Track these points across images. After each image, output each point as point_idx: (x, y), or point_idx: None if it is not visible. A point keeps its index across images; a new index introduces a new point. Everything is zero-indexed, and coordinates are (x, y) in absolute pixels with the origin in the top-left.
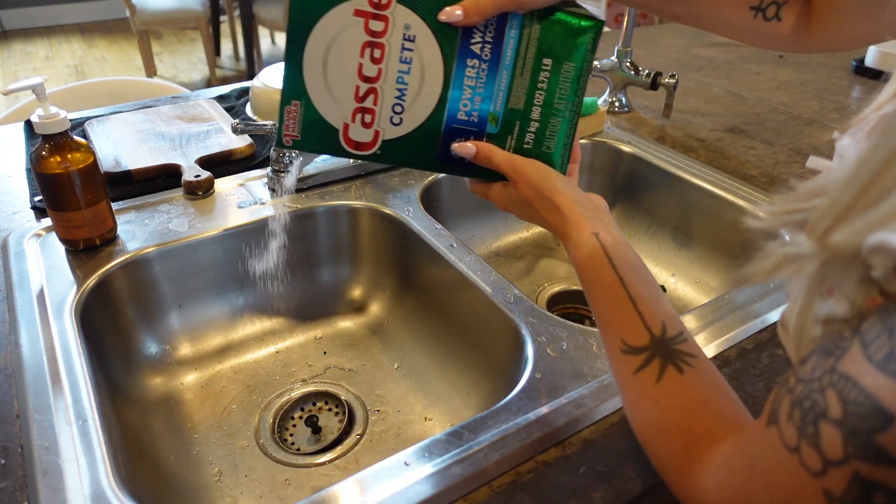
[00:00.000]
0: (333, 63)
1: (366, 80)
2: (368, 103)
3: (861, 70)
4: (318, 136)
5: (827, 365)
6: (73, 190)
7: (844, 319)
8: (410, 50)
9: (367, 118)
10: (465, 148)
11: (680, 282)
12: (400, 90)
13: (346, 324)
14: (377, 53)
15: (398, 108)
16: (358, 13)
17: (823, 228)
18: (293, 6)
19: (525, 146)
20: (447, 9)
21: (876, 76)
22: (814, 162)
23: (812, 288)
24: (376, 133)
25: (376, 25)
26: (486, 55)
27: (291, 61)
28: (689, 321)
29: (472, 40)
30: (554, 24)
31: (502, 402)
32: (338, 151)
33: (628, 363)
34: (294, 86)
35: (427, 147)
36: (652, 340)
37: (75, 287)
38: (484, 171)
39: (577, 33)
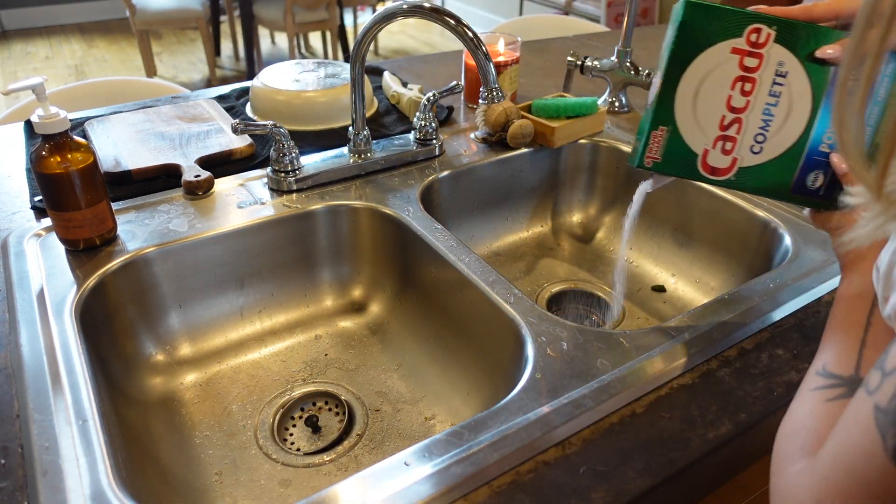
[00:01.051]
0: (704, 94)
1: (733, 110)
2: (731, 132)
3: None
4: (678, 159)
5: None
6: (73, 190)
7: None
8: (781, 84)
9: (728, 146)
10: (842, 164)
11: (680, 282)
12: (765, 121)
13: (346, 324)
14: (748, 87)
15: (760, 138)
16: (735, 51)
17: None
18: (676, 43)
19: None
20: (824, 47)
21: None
22: None
23: None
24: (734, 160)
25: (751, 62)
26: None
27: (665, 91)
28: (689, 321)
29: None
30: None
31: (502, 402)
32: (693, 175)
33: (814, 381)
34: (664, 113)
35: (783, 176)
36: (851, 377)
37: (75, 287)
38: (830, 200)
39: None
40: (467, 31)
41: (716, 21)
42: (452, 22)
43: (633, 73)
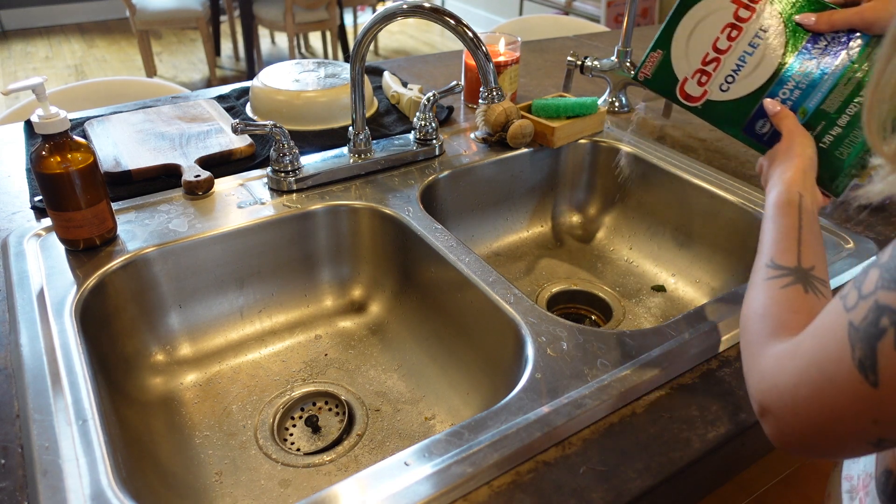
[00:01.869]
0: (698, 32)
1: (716, 50)
2: (709, 68)
3: None
4: (663, 80)
5: None
6: (73, 190)
7: None
8: (761, 38)
9: (703, 79)
10: (773, 104)
11: (680, 282)
12: (738, 66)
13: (346, 324)
14: (734, 34)
15: (730, 79)
16: (734, 1)
17: None
18: None
19: (821, 145)
20: (804, 13)
21: None
22: None
23: None
24: (705, 92)
25: (744, 13)
26: (821, 60)
27: (671, 22)
28: (690, 321)
29: (816, 45)
30: None
31: (502, 402)
32: (671, 97)
33: (765, 272)
34: (664, 39)
35: (739, 116)
36: (796, 267)
37: (75, 287)
38: (769, 147)
39: None
40: (467, 31)
41: None
42: (452, 22)
43: (633, 73)
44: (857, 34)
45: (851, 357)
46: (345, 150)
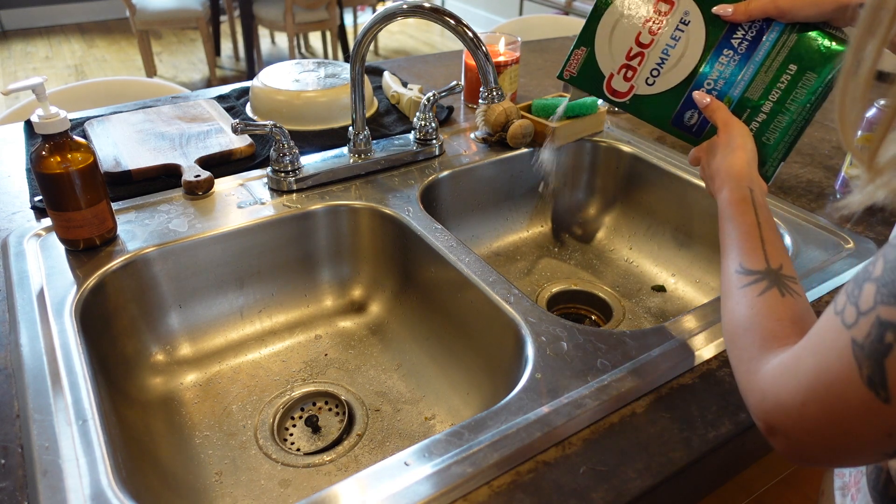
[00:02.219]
0: (620, 27)
1: (639, 45)
2: (634, 63)
3: None
4: (589, 77)
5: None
6: (73, 190)
7: None
8: (682, 31)
9: (629, 74)
10: (703, 97)
11: (680, 282)
12: (662, 59)
13: (346, 324)
14: (655, 27)
15: (655, 73)
16: None
17: None
18: None
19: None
20: (721, 5)
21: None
22: None
23: None
24: (631, 87)
25: (663, 7)
26: (741, 49)
27: (592, 18)
28: (689, 321)
29: (735, 35)
30: (811, 40)
31: (502, 402)
32: (598, 94)
33: (738, 280)
34: (587, 36)
35: (667, 108)
36: (766, 269)
37: (75, 287)
38: (700, 139)
39: (829, 54)
40: (467, 31)
41: None
42: (452, 22)
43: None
44: (773, 22)
45: (860, 375)
46: (345, 150)
